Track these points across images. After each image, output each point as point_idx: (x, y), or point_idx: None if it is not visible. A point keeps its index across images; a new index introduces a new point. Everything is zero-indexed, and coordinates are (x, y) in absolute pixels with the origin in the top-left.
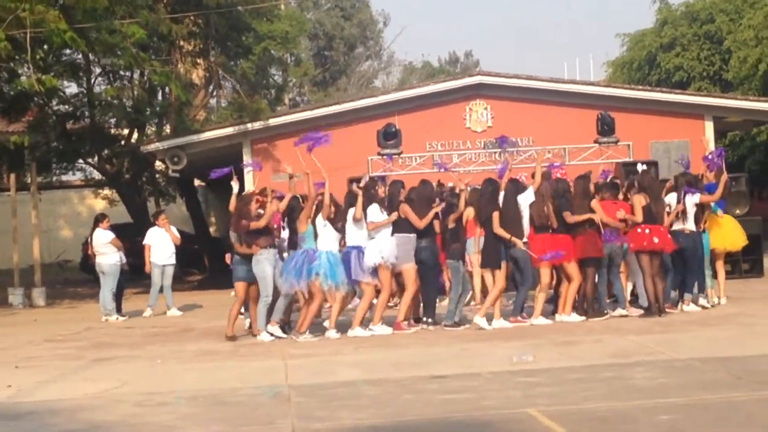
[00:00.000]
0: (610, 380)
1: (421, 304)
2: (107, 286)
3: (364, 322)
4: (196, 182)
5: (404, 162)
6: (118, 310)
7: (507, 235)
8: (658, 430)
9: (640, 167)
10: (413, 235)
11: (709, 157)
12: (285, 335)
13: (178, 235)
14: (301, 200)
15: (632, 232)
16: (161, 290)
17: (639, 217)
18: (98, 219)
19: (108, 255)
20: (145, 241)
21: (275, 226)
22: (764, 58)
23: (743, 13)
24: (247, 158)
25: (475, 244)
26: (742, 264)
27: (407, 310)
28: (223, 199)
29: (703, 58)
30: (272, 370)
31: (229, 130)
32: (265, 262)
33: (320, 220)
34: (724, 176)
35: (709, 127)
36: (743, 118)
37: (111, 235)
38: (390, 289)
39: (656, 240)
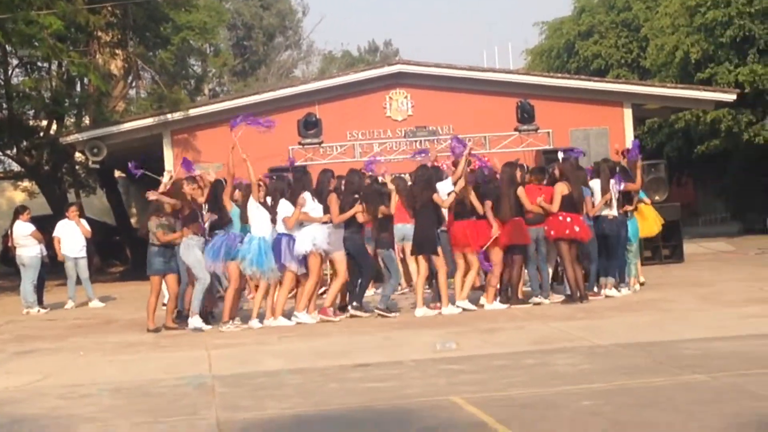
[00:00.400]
0: (533, 367)
1: (348, 292)
2: (28, 279)
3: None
4: (117, 173)
5: (325, 151)
6: (40, 302)
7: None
8: (581, 416)
9: (560, 155)
10: (340, 225)
11: (631, 154)
12: (208, 326)
13: (88, 228)
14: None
15: (553, 220)
16: (79, 282)
17: (555, 206)
18: (18, 211)
19: (28, 247)
20: (55, 234)
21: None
22: (681, 46)
23: (660, 0)
24: (167, 151)
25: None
26: (662, 250)
27: (334, 298)
28: (143, 190)
29: (620, 46)
30: (196, 360)
31: (148, 121)
32: (195, 247)
33: (252, 202)
34: (639, 163)
35: (627, 114)
36: (661, 105)
37: (31, 227)
38: (318, 276)
39: (577, 229)
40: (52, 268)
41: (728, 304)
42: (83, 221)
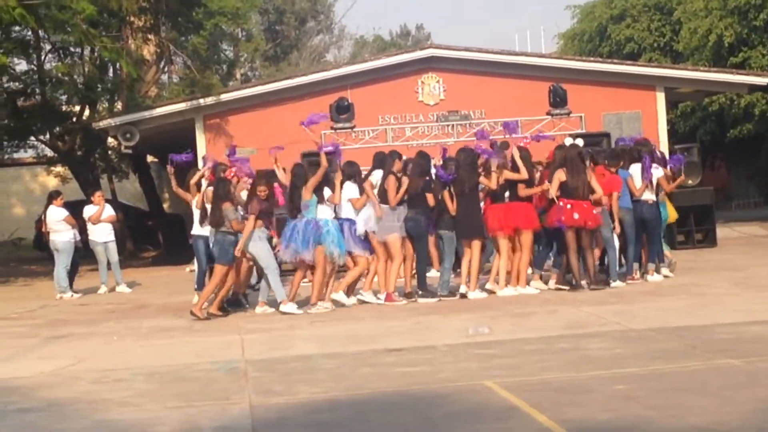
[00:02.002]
0: (565, 351)
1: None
2: (62, 264)
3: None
4: (149, 158)
5: (357, 136)
6: (71, 287)
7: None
8: (614, 400)
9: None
10: (396, 207)
11: (672, 161)
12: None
13: (112, 213)
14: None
15: (553, 207)
16: (110, 267)
17: (552, 192)
18: (52, 196)
19: (62, 232)
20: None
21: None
22: (714, 29)
23: None
24: (200, 136)
25: None
26: (695, 234)
27: (395, 280)
28: (178, 176)
29: (653, 29)
30: (229, 345)
31: (181, 106)
32: (264, 239)
33: (327, 191)
34: (680, 179)
35: (660, 98)
36: (694, 89)
37: (65, 213)
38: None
39: (576, 216)
40: (86, 252)
41: (762, 289)
42: (107, 206)
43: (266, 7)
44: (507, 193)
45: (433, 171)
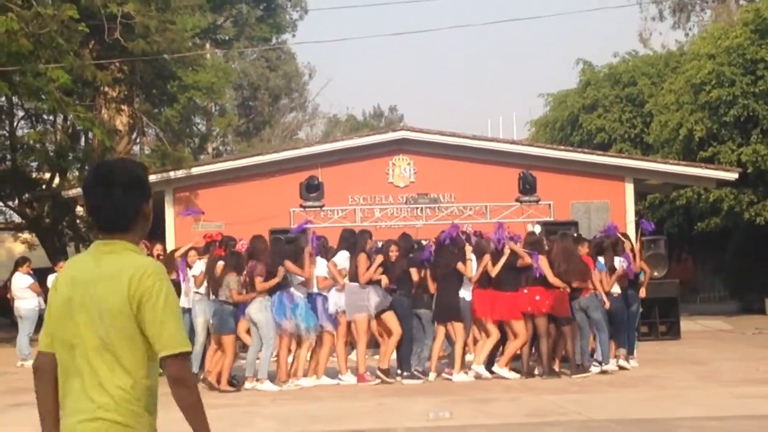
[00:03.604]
0: None
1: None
2: (25, 331)
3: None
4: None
5: (326, 215)
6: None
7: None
8: None
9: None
10: (365, 286)
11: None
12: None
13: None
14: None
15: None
16: None
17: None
18: (19, 263)
19: (27, 299)
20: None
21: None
22: (684, 123)
23: (665, 77)
24: (168, 209)
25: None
26: (659, 326)
27: (364, 360)
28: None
29: (624, 120)
30: None
31: (151, 178)
32: (268, 309)
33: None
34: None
35: (629, 189)
36: (663, 181)
37: (30, 280)
38: (344, 336)
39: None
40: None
41: (724, 384)
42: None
43: (241, 82)
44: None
45: None
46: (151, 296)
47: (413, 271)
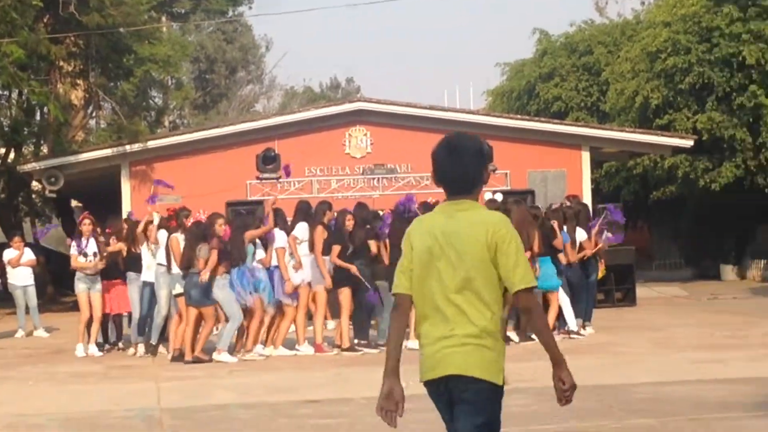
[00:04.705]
0: None
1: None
2: None
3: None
4: (73, 203)
5: (283, 186)
6: None
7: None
8: None
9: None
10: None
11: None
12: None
13: (33, 257)
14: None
15: None
16: (28, 311)
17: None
18: None
19: None
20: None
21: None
22: (641, 91)
23: (621, 45)
24: (125, 183)
25: None
26: (615, 293)
27: (321, 331)
28: (101, 220)
29: (581, 89)
30: (146, 392)
31: (107, 152)
32: (227, 285)
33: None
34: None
35: (585, 157)
36: (619, 149)
37: None
38: (306, 307)
39: None
40: (5, 296)
41: (679, 349)
42: (27, 250)
43: (197, 55)
44: None
45: None
46: (504, 242)
47: (371, 243)
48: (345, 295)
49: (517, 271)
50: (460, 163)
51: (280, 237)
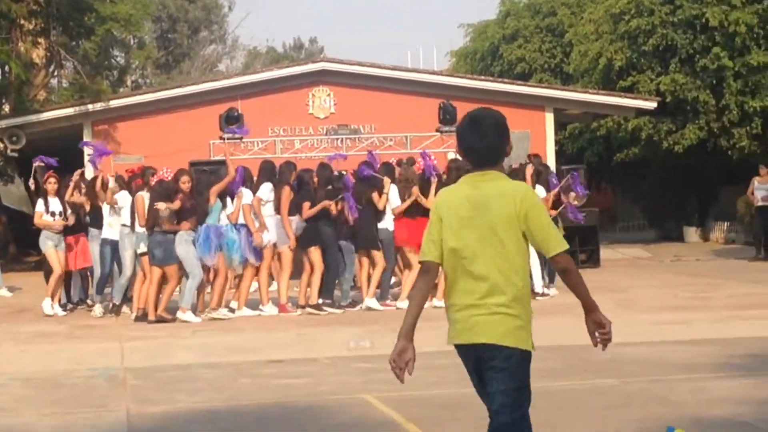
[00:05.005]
0: (446, 368)
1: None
2: None
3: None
4: (35, 162)
5: (246, 146)
6: None
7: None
8: None
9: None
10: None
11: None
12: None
13: None
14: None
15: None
16: None
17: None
18: None
19: None
20: None
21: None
22: (604, 53)
23: (585, 7)
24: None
25: None
26: (579, 254)
27: (286, 291)
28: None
29: (544, 51)
30: (109, 352)
31: (69, 111)
32: (190, 242)
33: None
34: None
35: (549, 118)
36: (583, 111)
37: None
38: (268, 268)
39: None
40: None
41: (641, 310)
42: None
43: (159, 14)
44: None
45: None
46: (533, 210)
47: (331, 204)
48: (315, 254)
49: (552, 236)
50: (484, 135)
51: (247, 194)
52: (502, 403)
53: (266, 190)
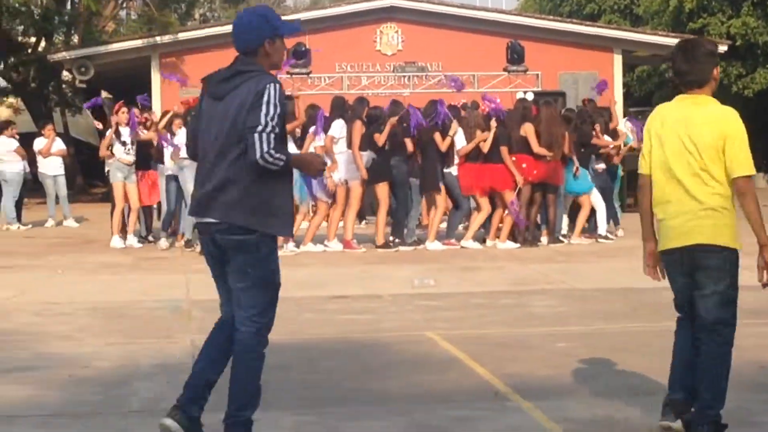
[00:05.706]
0: (510, 307)
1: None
2: (10, 195)
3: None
4: (103, 94)
5: (313, 82)
6: (18, 219)
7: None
8: (555, 357)
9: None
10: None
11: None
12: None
13: (63, 147)
14: None
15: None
16: (58, 201)
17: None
18: (3, 126)
19: (11, 163)
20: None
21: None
22: None
23: None
24: (155, 75)
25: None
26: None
27: (352, 227)
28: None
29: None
30: (175, 284)
31: (137, 43)
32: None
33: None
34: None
35: (617, 60)
36: (652, 53)
37: (15, 143)
38: (343, 205)
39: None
40: (35, 185)
41: None
42: (58, 140)
43: None
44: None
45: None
46: (732, 131)
47: (408, 141)
48: (382, 189)
49: (740, 159)
50: (694, 60)
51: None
52: (715, 303)
53: (338, 127)
